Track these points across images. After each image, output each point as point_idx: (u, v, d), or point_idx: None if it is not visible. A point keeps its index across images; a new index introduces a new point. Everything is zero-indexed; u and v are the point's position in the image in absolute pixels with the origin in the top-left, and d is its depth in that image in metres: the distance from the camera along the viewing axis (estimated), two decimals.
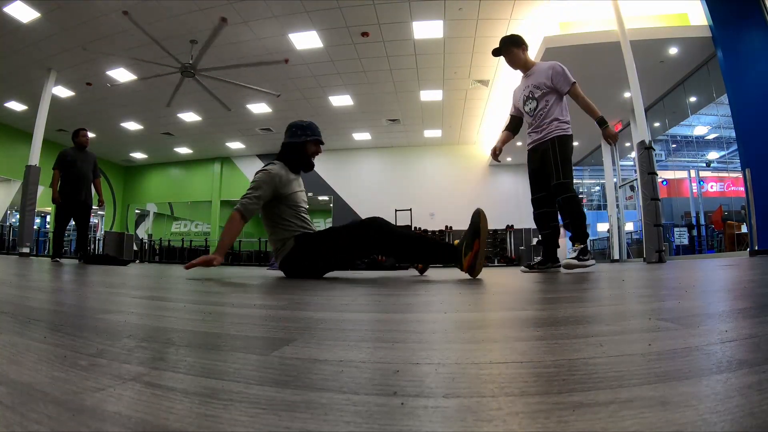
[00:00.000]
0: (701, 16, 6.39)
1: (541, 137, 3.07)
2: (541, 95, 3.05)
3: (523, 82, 3.22)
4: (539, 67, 3.14)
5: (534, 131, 3.14)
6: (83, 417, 0.29)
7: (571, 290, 1.38)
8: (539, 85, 3.05)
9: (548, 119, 3.03)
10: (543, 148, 3.05)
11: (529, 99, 3.13)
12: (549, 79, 3.01)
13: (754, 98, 5.71)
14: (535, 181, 3.18)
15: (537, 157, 3.12)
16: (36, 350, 0.49)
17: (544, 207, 3.17)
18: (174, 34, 7.40)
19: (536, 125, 3.10)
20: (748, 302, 0.89)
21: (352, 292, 1.41)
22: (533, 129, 3.15)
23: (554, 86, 3.01)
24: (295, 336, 0.60)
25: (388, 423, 0.28)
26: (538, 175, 3.14)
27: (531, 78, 3.13)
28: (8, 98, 10.10)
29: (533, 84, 3.09)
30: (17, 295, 1.18)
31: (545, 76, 3.03)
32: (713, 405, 0.29)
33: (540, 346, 0.52)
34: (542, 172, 3.10)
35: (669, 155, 12.91)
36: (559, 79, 2.99)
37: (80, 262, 5.12)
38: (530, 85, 3.11)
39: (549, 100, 3.04)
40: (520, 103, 3.24)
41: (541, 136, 3.07)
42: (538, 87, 3.05)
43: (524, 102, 3.17)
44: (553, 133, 3.01)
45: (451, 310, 0.91)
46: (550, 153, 3.00)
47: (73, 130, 5.55)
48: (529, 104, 3.13)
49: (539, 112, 3.07)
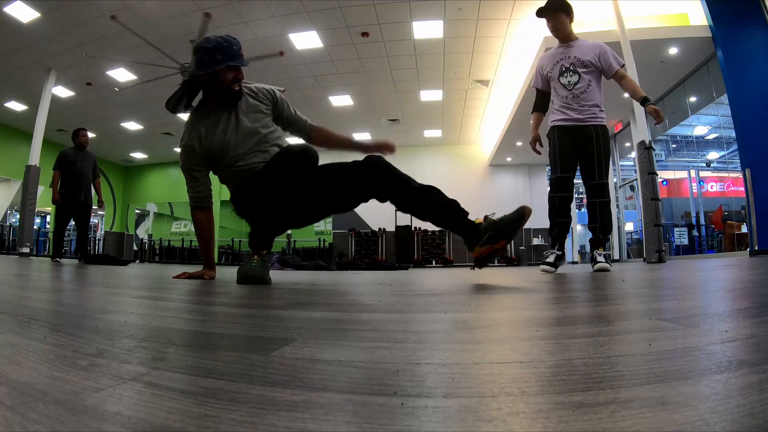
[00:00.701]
0: (701, 16, 6.39)
1: (582, 119, 2.81)
2: (585, 72, 2.82)
3: (560, 52, 2.92)
4: (583, 42, 2.91)
5: (570, 106, 2.85)
6: (83, 417, 0.29)
7: (571, 290, 1.38)
8: (585, 61, 2.81)
9: (589, 102, 2.82)
10: (585, 133, 2.81)
11: (569, 71, 2.85)
12: (597, 57, 2.80)
13: (754, 98, 5.71)
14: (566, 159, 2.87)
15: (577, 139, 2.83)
16: (36, 350, 0.49)
17: (570, 191, 2.92)
18: (174, 34, 7.40)
19: (574, 102, 2.83)
20: (748, 302, 0.89)
21: (352, 292, 1.41)
22: (567, 105, 2.86)
23: (601, 66, 2.81)
24: (295, 336, 0.60)
25: (388, 423, 0.28)
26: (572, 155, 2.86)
27: (573, 50, 2.86)
28: (8, 98, 10.10)
29: (577, 57, 2.83)
30: (17, 295, 1.18)
31: (593, 54, 2.81)
32: (713, 405, 0.29)
33: (540, 346, 0.52)
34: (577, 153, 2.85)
35: (669, 155, 12.91)
36: (608, 59, 2.80)
37: (80, 262, 5.12)
38: (572, 57, 2.84)
39: (592, 80, 2.82)
40: (554, 74, 2.92)
41: (583, 117, 2.81)
42: (583, 63, 2.81)
43: (561, 73, 2.88)
44: (597, 119, 2.80)
45: (451, 310, 0.91)
46: (594, 144, 2.78)
47: (73, 130, 5.56)
48: (568, 76, 2.85)
49: (579, 90, 2.82)
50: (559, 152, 2.87)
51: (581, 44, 2.89)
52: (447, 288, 1.60)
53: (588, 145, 2.80)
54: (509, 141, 11.11)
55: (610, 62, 2.79)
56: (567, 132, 2.86)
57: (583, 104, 2.82)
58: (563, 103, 2.88)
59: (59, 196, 5.28)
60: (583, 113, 2.82)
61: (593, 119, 2.80)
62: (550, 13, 2.88)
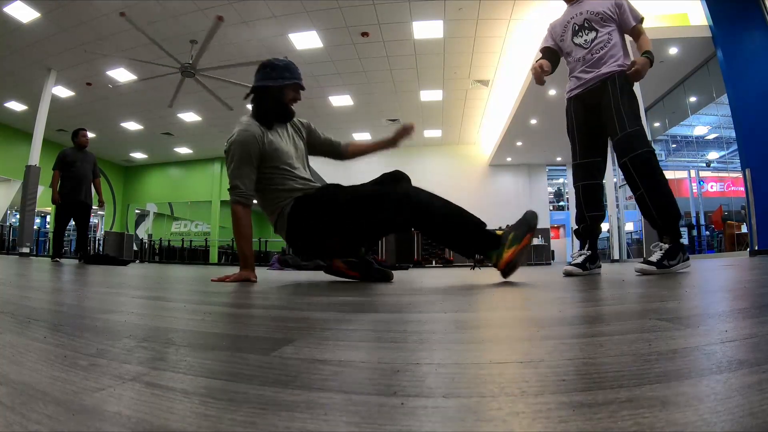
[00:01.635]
0: (701, 16, 6.38)
1: (593, 77, 2.28)
2: (602, 26, 2.31)
3: (570, 10, 2.44)
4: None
5: (586, 69, 2.32)
6: (83, 417, 0.29)
7: (571, 290, 1.38)
8: (599, 13, 2.31)
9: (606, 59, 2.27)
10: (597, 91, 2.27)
11: (583, 29, 2.35)
12: (613, 7, 2.30)
13: (754, 98, 5.71)
14: (587, 139, 2.35)
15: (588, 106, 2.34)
16: (36, 350, 0.49)
17: (596, 178, 2.35)
18: (174, 34, 7.40)
19: (591, 62, 2.30)
20: (748, 302, 0.89)
21: (352, 292, 1.41)
22: (585, 66, 2.33)
23: (618, 18, 2.30)
24: (295, 336, 0.60)
25: (388, 423, 0.28)
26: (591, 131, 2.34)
27: (584, 5, 2.38)
28: (8, 98, 10.10)
29: (590, 11, 2.33)
30: (17, 295, 1.18)
31: (609, 5, 2.31)
32: (713, 405, 0.29)
33: (540, 346, 0.52)
34: (595, 128, 2.32)
35: (669, 155, 12.90)
36: (625, 11, 2.30)
37: (80, 262, 5.12)
38: (585, 12, 2.35)
39: (612, 34, 2.29)
40: (567, 36, 2.42)
41: (593, 75, 2.28)
42: (599, 14, 2.31)
43: (575, 33, 2.38)
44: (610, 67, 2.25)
45: (451, 310, 0.91)
46: (609, 96, 2.19)
47: (73, 131, 5.56)
48: (583, 35, 2.35)
49: (599, 45, 2.29)
50: (577, 131, 2.38)
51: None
52: (447, 288, 1.60)
53: (601, 101, 2.25)
54: (509, 141, 11.12)
55: (627, 15, 2.30)
56: (582, 104, 2.37)
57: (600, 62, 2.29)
58: (578, 66, 2.37)
59: (59, 196, 5.28)
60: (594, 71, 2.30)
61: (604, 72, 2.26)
62: None
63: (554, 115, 8.91)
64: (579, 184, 2.38)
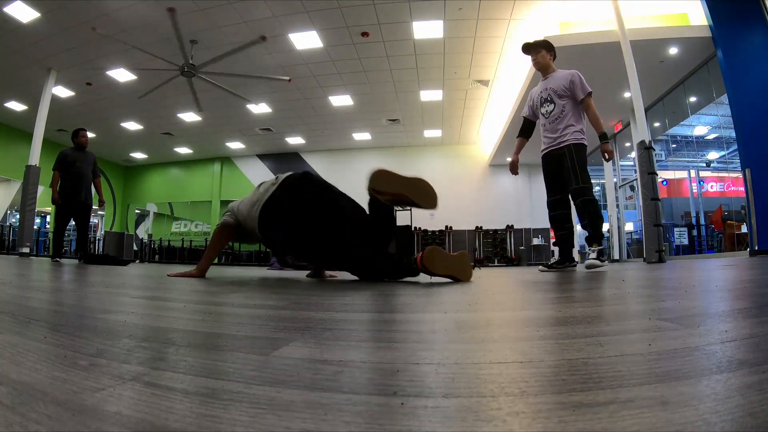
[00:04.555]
0: (701, 16, 6.38)
1: (556, 143, 3.20)
2: (558, 99, 3.21)
3: (542, 84, 3.38)
4: (559, 73, 3.30)
5: (549, 134, 3.26)
6: (83, 417, 0.29)
7: (571, 290, 1.38)
8: (557, 89, 3.20)
9: (563, 125, 3.17)
10: (558, 153, 3.18)
11: (546, 102, 3.28)
12: (567, 83, 3.17)
13: (754, 98, 5.71)
14: (551, 184, 3.31)
15: (552, 162, 3.24)
16: (36, 350, 0.49)
17: (560, 209, 3.31)
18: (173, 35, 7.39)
19: (551, 129, 3.23)
20: (748, 302, 0.89)
21: (352, 292, 1.41)
22: (548, 131, 3.27)
23: (571, 93, 3.17)
24: (295, 336, 0.60)
25: (388, 423, 0.28)
26: (554, 179, 3.27)
27: (550, 81, 3.29)
28: (8, 98, 10.10)
29: (551, 88, 3.25)
30: (17, 295, 1.18)
31: (564, 82, 3.18)
32: (713, 405, 0.29)
33: (540, 346, 0.52)
34: (558, 176, 3.22)
35: (669, 155, 12.90)
36: (576, 86, 3.16)
37: (80, 262, 5.12)
38: (549, 88, 3.27)
39: (566, 105, 3.18)
40: (537, 104, 3.38)
41: (556, 142, 3.20)
42: (556, 91, 3.21)
43: (542, 103, 3.33)
44: (568, 140, 3.14)
45: (451, 310, 0.91)
46: (567, 160, 3.12)
47: (73, 131, 5.55)
48: (546, 106, 3.29)
49: (554, 116, 3.21)
50: (545, 180, 3.36)
51: (557, 75, 3.29)
52: (447, 288, 1.60)
53: (561, 162, 3.16)
54: (509, 141, 11.09)
55: (576, 90, 3.17)
56: (548, 159, 3.30)
57: (557, 128, 3.20)
58: (544, 131, 3.31)
59: (59, 197, 5.27)
60: (557, 138, 3.20)
61: (565, 141, 3.15)
62: (534, 50, 3.35)
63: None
64: (551, 214, 3.35)
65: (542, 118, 3.34)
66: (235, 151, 14.45)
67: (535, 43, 3.38)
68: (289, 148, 13.94)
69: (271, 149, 14.21)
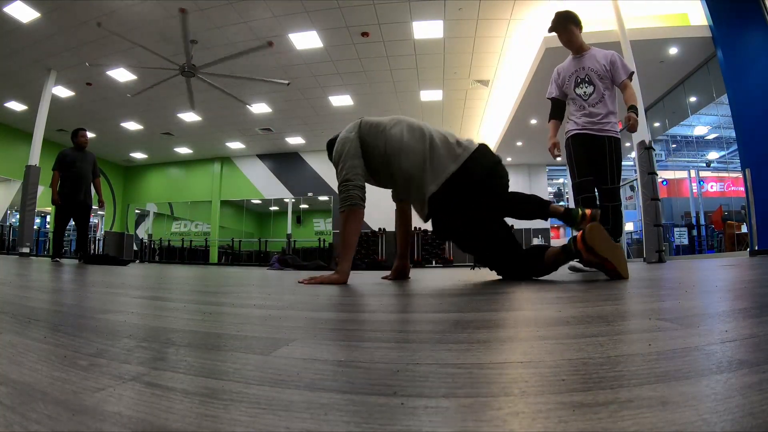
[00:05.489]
0: (701, 16, 6.38)
1: (596, 129, 2.96)
2: (599, 82, 2.95)
3: (574, 63, 3.08)
4: (596, 52, 3.04)
5: (584, 116, 3.00)
6: (83, 417, 0.29)
7: (570, 290, 1.38)
8: (597, 70, 2.95)
9: (604, 111, 2.94)
10: (598, 144, 2.96)
11: (584, 82, 3.01)
12: (608, 64, 2.93)
13: (754, 98, 5.71)
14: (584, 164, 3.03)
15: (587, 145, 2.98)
16: (36, 350, 0.49)
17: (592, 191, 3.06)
18: (175, 35, 7.39)
19: (588, 112, 2.98)
20: (748, 302, 0.89)
21: (352, 292, 1.41)
22: (583, 114, 3.00)
23: (612, 75, 2.93)
24: (295, 336, 0.60)
25: (388, 423, 0.28)
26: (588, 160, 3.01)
27: (586, 60, 3.01)
28: (8, 98, 10.10)
29: (590, 68, 2.98)
30: (17, 295, 1.18)
31: (604, 62, 2.94)
32: (713, 405, 0.29)
33: (540, 346, 0.52)
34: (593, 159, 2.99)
35: (669, 155, 12.90)
36: (617, 68, 2.92)
37: (80, 262, 5.12)
38: (586, 68, 2.99)
39: (605, 89, 2.95)
40: (570, 85, 3.07)
41: (596, 127, 2.96)
42: (597, 72, 2.96)
43: (576, 84, 3.04)
44: (610, 131, 2.95)
45: (451, 310, 0.91)
46: (606, 152, 2.93)
47: (73, 131, 5.55)
48: (583, 87, 3.01)
49: (594, 100, 2.97)
50: (575, 160, 3.04)
51: (593, 54, 3.01)
52: (447, 288, 1.61)
53: (601, 153, 2.94)
54: (509, 141, 11.12)
55: (617, 72, 2.92)
56: (581, 141, 3.00)
57: (597, 113, 2.95)
58: (578, 113, 3.03)
59: (59, 197, 5.27)
60: (597, 124, 2.95)
61: (606, 131, 2.93)
62: (562, 27, 3.04)
63: None
64: (579, 197, 3.04)
65: (577, 100, 3.04)
66: (235, 151, 14.45)
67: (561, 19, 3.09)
68: (289, 148, 13.94)
69: (271, 149, 14.22)
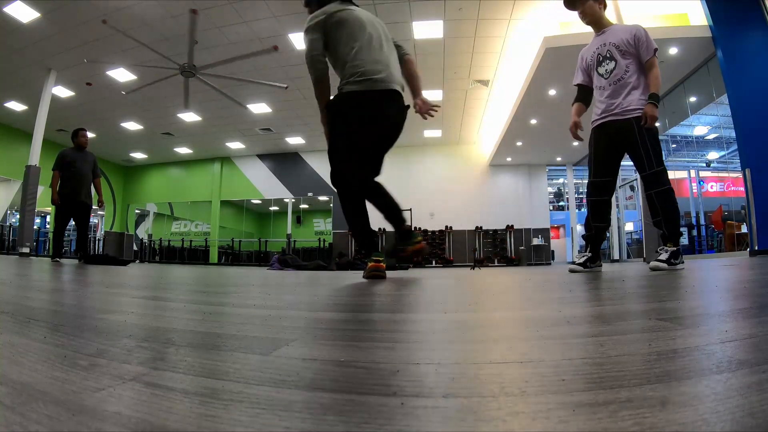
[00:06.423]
0: (701, 16, 6.38)
1: (620, 112, 2.60)
2: (621, 57, 2.62)
3: (596, 40, 2.77)
4: (618, 27, 2.74)
5: (608, 99, 2.66)
6: (83, 417, 0.29)
7: (571, 290, 1.38)
8: (620, 44, 2.62)
9: (627, 89, 2.58)
10: (621, 126, 2.59)
11: (606, 59, 2.68)
12: (632, 39, 2.59)
13: (754, 98, 5.71)
14: (602, 162, 2.71)
15: (609, 137, 2.66)
16: (36, 350, 0.49)
17: (606, 194, 2.74)
18: (174, 34, 7.40)
19: (612, 92, 2.64)
20: (748, 302, 0.88)
21: (352, 292, 1.41)
22: (607, 96, 2.67)
23: (636, 50, 2.59)
24: (295, 336, 0.60)
25: (388, 423, 0.28)
26: (607, 155, 2.69)
27: (609, 36, 2.69)
28: (8, 98, 10.10)
29: (612, 42, 2.65)
30: (17, 295, 1.18)
31: (628, 36, 2.61)
32: (713, 405, 0.29)
33: (540, 346, 0.52)
34: (612, 153, 2.69)
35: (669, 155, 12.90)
36: (641, 43, 2.57)
37: (80, 262, 5.12)
38: (608, 43, 2.66)
39: (629, 66, 2.60)
40: (592, 64, 2.77)
41: (619, 110, 2.60)
42: (618, 47, 2.62)
43: (599, 63, 2.71)
44: (635, 110, 2.55)
45: (451, 310, 0.91)
46: (636, 135, 2.53)
47: (73, 131, 5.55)
48: (605, 65, 2.68)
49: (617, 76, 2.62)
50: (594, 156, 2.76)
51: (615, 29, 2.71)
52: (447, 288, 1.60)
53: (629, 139, 2.58)
54: (509, 141, 11.11)
55: (641, 48, 2.59)
56: (605, 132, 2.69)
57: (620, 92, 2.62)
58: (600, 95, 2.72)
59: (59, 197, 5.27)
60: (619, 105, 2.61)
61: (630, 111, 2.57)
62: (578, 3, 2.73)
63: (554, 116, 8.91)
64: (590, 199, 2.77)
65: (600, 80, 2.71)
66: (235, 151, 14.45)
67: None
68: (289, 148, 13.94)
69: (271, 149, 14.22)
